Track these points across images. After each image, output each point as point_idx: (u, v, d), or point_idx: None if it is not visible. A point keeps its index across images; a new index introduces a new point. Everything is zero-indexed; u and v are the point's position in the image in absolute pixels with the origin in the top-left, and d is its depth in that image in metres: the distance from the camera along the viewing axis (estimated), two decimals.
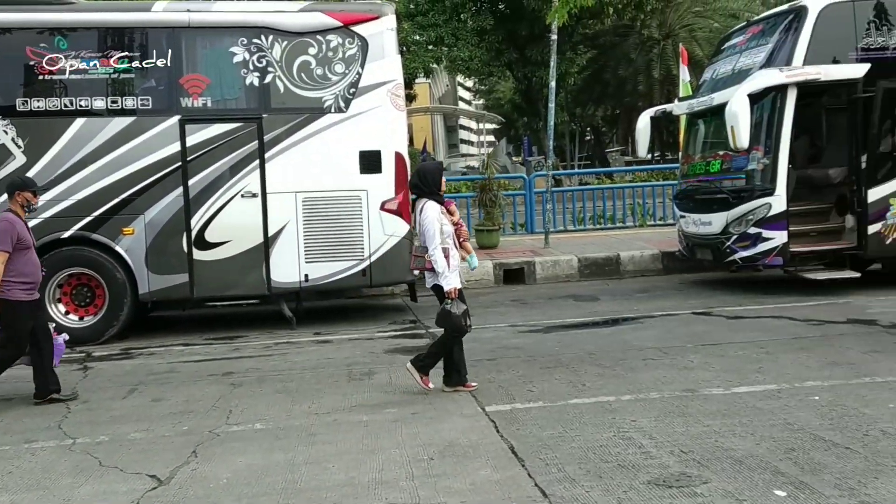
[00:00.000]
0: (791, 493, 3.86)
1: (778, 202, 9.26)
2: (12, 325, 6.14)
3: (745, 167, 9.67)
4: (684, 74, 15.83)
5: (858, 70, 9.27)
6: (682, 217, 10.95)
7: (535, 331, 8.42)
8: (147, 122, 8.74)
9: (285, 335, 8.79)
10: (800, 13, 9.53)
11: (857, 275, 9.56)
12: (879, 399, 5.34)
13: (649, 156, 29.68)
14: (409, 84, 27.28)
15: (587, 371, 6.51)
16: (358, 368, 7.03)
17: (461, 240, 6.24)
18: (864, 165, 9.39)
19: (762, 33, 10.21)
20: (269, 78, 8.92)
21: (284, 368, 7.20)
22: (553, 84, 13.07)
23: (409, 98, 29.49)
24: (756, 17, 11.85)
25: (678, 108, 11.71)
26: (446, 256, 5.87)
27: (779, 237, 9.33)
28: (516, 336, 8.17)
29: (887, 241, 9.36)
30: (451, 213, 6.16)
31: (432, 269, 5.90)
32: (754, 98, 9.12)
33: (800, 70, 9.15)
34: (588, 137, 52.11)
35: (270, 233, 8.90)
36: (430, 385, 6.05)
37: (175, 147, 8.74)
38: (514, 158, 48.01)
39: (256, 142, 8.86)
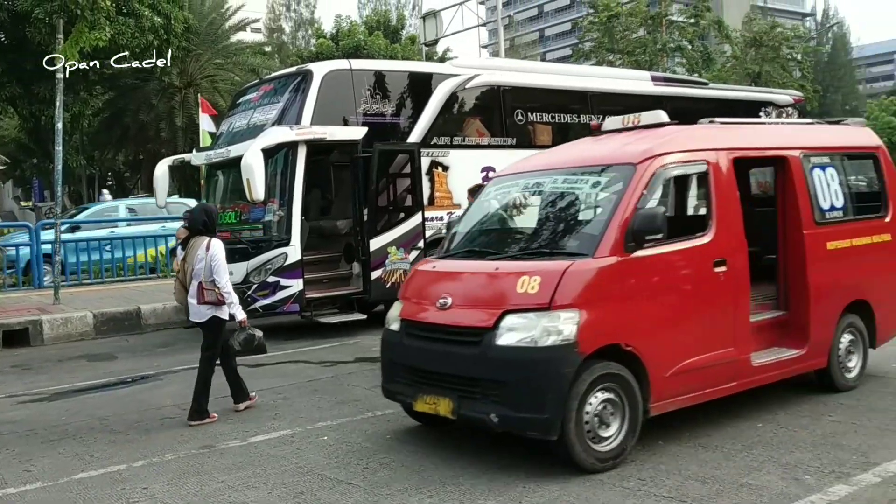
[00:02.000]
0: None
1: (293, 252, 9.75)
2: None
3: (263, 218, 10.02)
4: (204, 124, 15.95)
5: (357, 132, 10.28)
6: None
7: (39, 399, 7.52)
8: None
9: None
10: (306, 76, 10.29)
11: (364, 317, 10.50)
12: (379, 432, 5.89)
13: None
14: None
15: (97, 439, 6.00)
16: None
17: None
18: (366, 218, 10.38)
19: (274, 91, 10.77)
20: None
21: None
22: (60, 126, 12.01)
23: None
24: (268, 76, 12.46)
25: (196, 158, 11.68)
26: None
27: (296, 285, 9.82)
28: (15, 408, 7.20)
29: (388, 286, 10.43)
30: None
31: (214, 303, 6.34)
32: (268, 153, 9.51)
33: (308, 129, 9.83)
34: (110, 182, 49.20)
35: None
36: (254, 394, 6.86)
37: None
38: (22, 203, 43.19)
39: None
